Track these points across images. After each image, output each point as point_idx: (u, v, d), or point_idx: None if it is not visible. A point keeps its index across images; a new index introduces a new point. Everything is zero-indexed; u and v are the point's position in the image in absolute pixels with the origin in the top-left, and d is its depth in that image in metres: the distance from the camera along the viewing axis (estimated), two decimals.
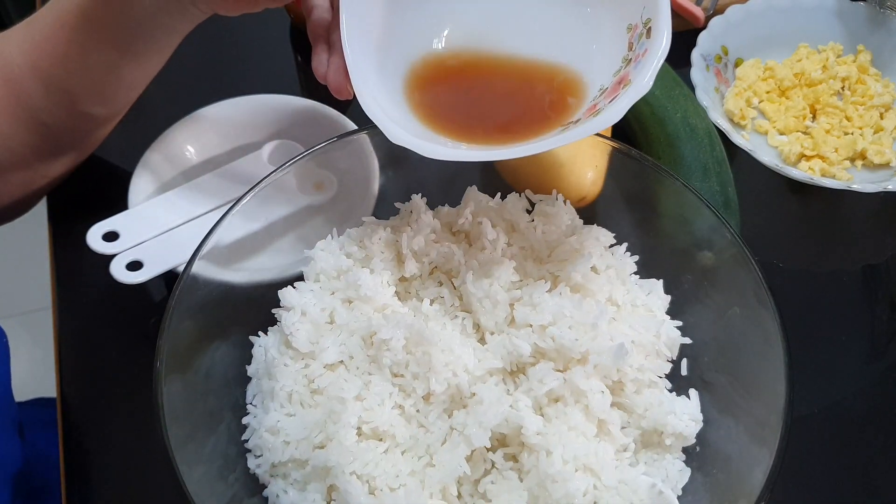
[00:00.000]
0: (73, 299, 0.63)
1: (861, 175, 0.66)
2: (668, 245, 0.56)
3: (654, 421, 0.50)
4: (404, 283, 0.55)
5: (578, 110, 0.51)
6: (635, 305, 0.54)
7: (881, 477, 0.56)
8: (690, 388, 0.51)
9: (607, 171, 0.57)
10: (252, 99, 0.67)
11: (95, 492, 0.55)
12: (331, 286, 0.54)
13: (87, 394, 0.59)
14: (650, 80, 0.47)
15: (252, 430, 0.51)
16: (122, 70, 0.57)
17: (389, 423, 0.48)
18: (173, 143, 0.65)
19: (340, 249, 0.55)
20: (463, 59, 0.55)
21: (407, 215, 0.56)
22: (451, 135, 0.52)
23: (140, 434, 0.56)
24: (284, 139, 0.65)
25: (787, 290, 0.57)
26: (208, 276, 0.51)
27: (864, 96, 0.69)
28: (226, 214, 0.52)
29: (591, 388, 0.48)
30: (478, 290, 0.52)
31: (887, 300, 0.64)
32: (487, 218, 0.55)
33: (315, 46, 0.53)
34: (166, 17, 0.54)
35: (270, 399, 0.50)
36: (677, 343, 0.53)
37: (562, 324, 0.50)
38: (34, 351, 1.43)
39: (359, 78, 0.50)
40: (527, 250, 0.56)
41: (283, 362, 0.51)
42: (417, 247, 0.54)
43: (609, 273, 0.54)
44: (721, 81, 0.70)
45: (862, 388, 0.59)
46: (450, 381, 0.48)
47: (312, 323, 0.52)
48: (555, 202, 0.57)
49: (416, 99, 0.53)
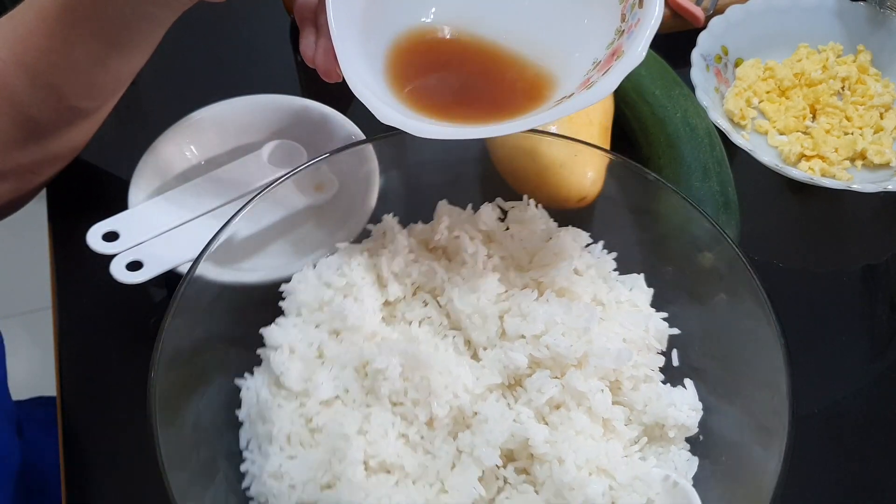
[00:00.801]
0: (73, 299, 0.63)
1: (861, 175, 0.66)
2: (669, 243, 0.56)
3: (654, 415, 0.49)
4: (389, 307, 0.54)
5: (567, 87, 0.50)
6: (620, 302, 0.54)
7: (881, 477, 0.56)
8: (684, 378, 0.52)
9: (607, 171, 0.57)
10: (252, 99, 0.67)
11: (95, 492, 0.55)
12: (314, 319, 0.52)
13: (87, 394, 0.59)
14: (643, 50, 0.46)
15: (252, 477, 0.49)
16: (108, 62, 0.56)
17: (396, 454, 0.47)
18: (173, 144, 0.65)
19: (319, 279, 0.53)
20: (447, 40, 0.54)
21: (381, 237, 0.56)
22: (433, 115, 0.51)
23: (140, 434, 0.56)
24: (284, 139, 0.65)
25: (787, 290, 0.57)
26: (208, 276, 0.50)
27: (864, 96, 0.69)
28: (233, 217, 0.51)
29: (591, 389, 0.48)
30: (466, 307, 0.51)
31: (887, 300, 0.64)
32: (463, 231, 0.54)
33: (302, 30, 0.53)
34: (150, 6, 0.53)
35: (268, 443, 0.49)
36: (666, 335, 0.53)
37: (554, 331, 0.50)
38: (34, 351, 1.43)
39: (346, 60, 0.49)
40: (507, 259, 0.55)
41: (276, 403, 0.49)
42: (398, 268, 0.53)
43: (591, 273, 0.54)
44: (721, 81, 0.70)
45: (862, 388, 0.59)
46: (451, 402, 0.48)
47: (302, 360, 0.50)
48: (527, 207, 0.56)
49: (397, 78, 0.52)
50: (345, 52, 0.49)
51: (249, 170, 0.63)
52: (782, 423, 0.44)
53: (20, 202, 0.65)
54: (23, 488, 0.60)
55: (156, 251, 0.57)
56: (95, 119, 0.62)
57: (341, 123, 0.65)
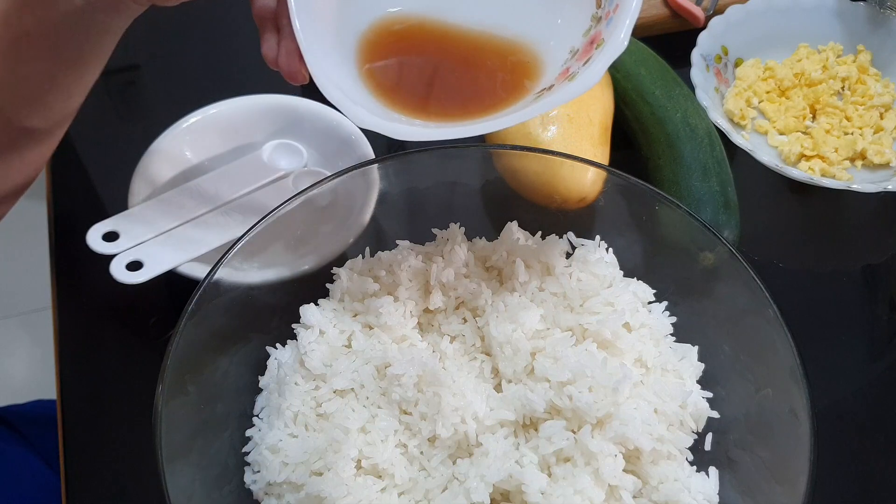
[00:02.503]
0: (73, 299, 0.63)
1: (861, 175, 0.66)
2: (669, 246, 0.56)
3: (666, 495, 0.47)
4: (428, 315, 0.54)
5: (546, 78, 0.48)
6: (666, 370, 0.51)
7: (881, 477, 0.56)
8: (712, 464, 0.49)
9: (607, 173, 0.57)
10: (252, 99, 0.67)
11: (95, 492, 0.55)
12: (353, 308, 0.52)
13: (87, 394, 0.59)
14: (626, 38, 0.44)
15: (254, 444, 0.50)
16: (56, 78, 0.52)
17: (390, 461, 0.47)
18: (173, 143, 0.65)
19: (370, 271, 0.53)
20: (417, 31, 0.52)
21: (443, 243, 0.55)
22: (410, 110, 0.48)
23: (140, 434, 0.56)
24: (284, 139, 0.65)
25: (787, 290, 0.57)
26: (231, 279, 0.51)
27: (864, 96, 0.69)
28: (253, 227, 0.51)
29: (603, 451, 0.46)
30: (500, 335, 0.50)
31: (887, 300, 0.64)
32: (522, 259, 0.53)
33: (263, 32, 0.50)
34: (99, 15, 0.49)
35: (276, 416, 0.49)
36: (704, 416, 0.50)
37: (581, 384, 0.47)
38: (34, 351, 1.43)
39: (314, 60, 0.46)
40: (559, 297, 0.53)
41: (294, 380, 0.50)
42: (446, 279, 0.53)
43: (642, 332, 0.52)
44: (721, 81, 0.70)
45: (862, 388, 0.59)
46: (457, 426, 0.47)
47: (329, 345, 0.51)
48: (596, 248, 0.55)
49: (370, 73, 0.50)
50: (312, 52, 0.46)
51: (249, 170, 0.63)
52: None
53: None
54: (23, 489, 0.60)
55: (156, 251, 0.57)
56: (47, 145, 0.57)
57: (341, 123, 0.65)
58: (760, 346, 0.49)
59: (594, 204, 0.58)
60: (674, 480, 0.47)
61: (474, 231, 0.58)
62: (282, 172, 0.63)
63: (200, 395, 0.48)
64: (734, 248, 0.50)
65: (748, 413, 0.50)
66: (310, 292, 0.54)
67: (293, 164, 0.64)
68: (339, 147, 0.65)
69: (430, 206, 0.58)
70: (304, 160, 0.64)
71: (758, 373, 0.50)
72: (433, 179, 0.56)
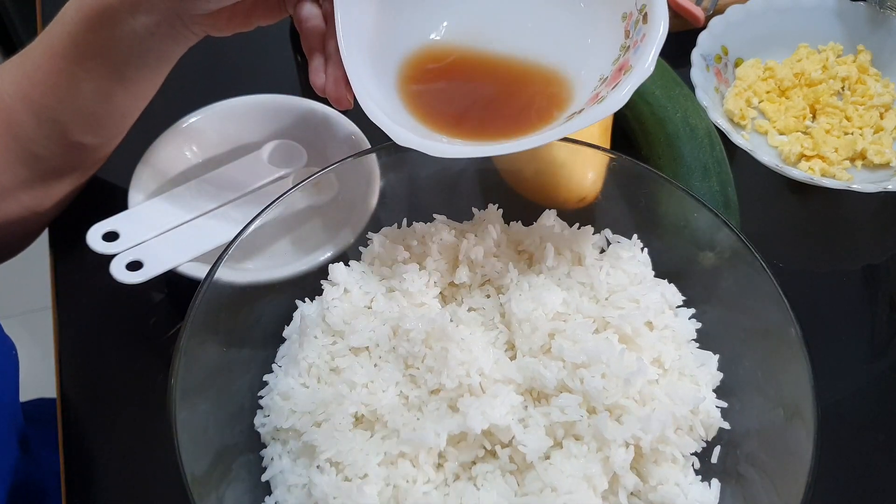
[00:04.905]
0: (73, 299, 0.63)
1: (861, 175, 0.66)
2: (671, 245, 0.56)
3: (663, 497, 0.47)
4: (452, 289, 0.54)
5: (576, 103, 0.51)
6: (683, 374, 0.51)
7: (881, 477, 0.56)
8: (718, 477, 0.49)
9: (607, 172, 0.57)
10: (252, 99, 0.67)
11: (95, 492, 0.55)
12: (381, 272, 0.54)
13: (87, 394, 0.59)
14: (652, 64, 0.47)
15: (269, 389, 0.52)
16: (113, 98, 0.56)
17: (388, 408, 0.47)
18: (173, 143, 0.65)
19: (403, 239, 0.55)
20: (456, 56, 0.55)
21: (480, 222, 0.56)
22: (445, 131, 0.52)
23: (141, 434, 0.56)
24: (284, 139, 0.65)
25: (788, 290, 0.57)
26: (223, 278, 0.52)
27: (864, 96, 0.69)
28: (253, 220, 0.52)
29: (617, 440, 0.46)
30: (520, 312, 0.50)
31: (887, 300, 0.64)
32: (554, 244, 0.54)
33: (311, 59, 0.53)
34: (158, 42, 0.53)
35: (293, 365, 0.51)
36: (716, 425, 0.49)
37: (595, 369, 0.47)
38: (34, 351, 1.43)
39: (360, 85, 0.50)
40: (585, 286, 0.53)
41: (314, 333, 0.51)
42: (475, 256, 0.53)
43: (664, 333, 0.51)
44: (721, 81, 0.70)
45: (862, 388, 0.59)
46: (462, 379, 0.47)
47: (351, 304, 0.52)
48: (632, 247, 0.55)
49: (408, 95, 0.53)
50: (358, 78, 0.50)
51: (249, 170, 0.63)
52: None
53: (22, 242, 0.65)
54: (23, 490, 0.60)
55: (156, 251, 0.57)
56: (98, 157, 0.62)
57: (341, 123, 0.65)
58: (779, 365, 0.49)
59: (594, 203, 0.58)
60: (674, 484, 0.47)
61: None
62: (282, 172, 0.63)
63: (231, 336, 0.51)
64: (765, 264, 0.50)
65: (760, 429, 0.49)
66: (283, 281, 0.55)
67: (293, 164, 0.64)
68: (340, 147, 0.65)
69: (431, 205, 0.58)
70: (304, 160, 0.64)
71: (772, 391, 0.49)
72: (433, 168, 0.57)
